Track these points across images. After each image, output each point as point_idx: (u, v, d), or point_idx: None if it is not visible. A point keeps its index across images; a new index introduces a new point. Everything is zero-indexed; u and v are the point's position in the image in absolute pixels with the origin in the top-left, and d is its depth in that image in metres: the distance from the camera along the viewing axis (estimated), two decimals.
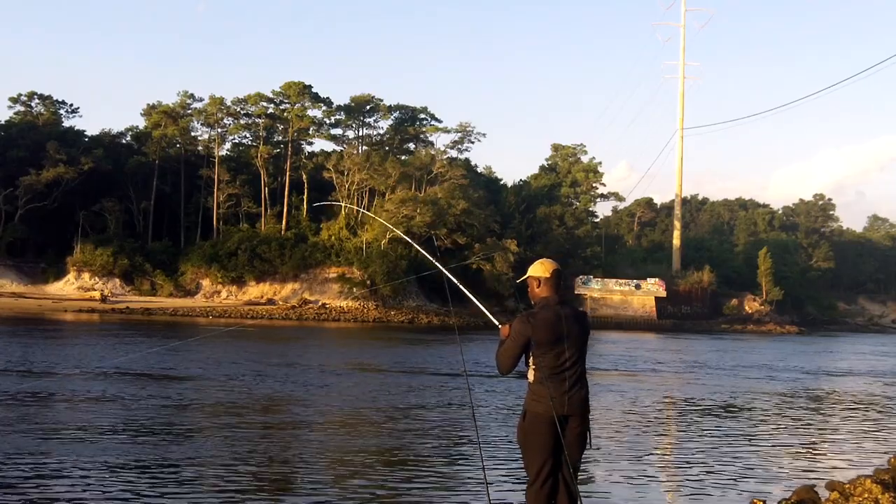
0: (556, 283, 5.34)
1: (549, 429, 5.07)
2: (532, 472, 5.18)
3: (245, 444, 11.55)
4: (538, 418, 5.12)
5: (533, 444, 5.13)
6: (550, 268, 5.38)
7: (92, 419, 13.04)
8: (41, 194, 67.56)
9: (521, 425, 5.22)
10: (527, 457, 5.19)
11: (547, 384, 5.11)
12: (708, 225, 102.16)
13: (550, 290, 5.32)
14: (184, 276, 68.10)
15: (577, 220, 77.50)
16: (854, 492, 8.08)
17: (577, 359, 5.23)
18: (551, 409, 5.06)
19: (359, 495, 8.86)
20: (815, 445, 13.63)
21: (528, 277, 5.41)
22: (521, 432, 5.20)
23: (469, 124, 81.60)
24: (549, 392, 5.09)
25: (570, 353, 5.19)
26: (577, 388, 5.18)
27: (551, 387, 5.11)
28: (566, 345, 5.19)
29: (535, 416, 5.13)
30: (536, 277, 5.36)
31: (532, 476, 5.18)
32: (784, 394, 21.34)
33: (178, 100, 75.24)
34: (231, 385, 18.51)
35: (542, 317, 5.20)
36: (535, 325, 5.17)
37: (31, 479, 8.98)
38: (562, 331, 5.18)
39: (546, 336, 5.15)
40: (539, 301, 5.33)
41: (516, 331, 5.18)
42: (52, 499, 8.26)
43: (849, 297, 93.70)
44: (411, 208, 64.54)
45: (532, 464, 5.16)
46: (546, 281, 5.33)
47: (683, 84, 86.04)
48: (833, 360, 37.13)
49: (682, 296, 75.33)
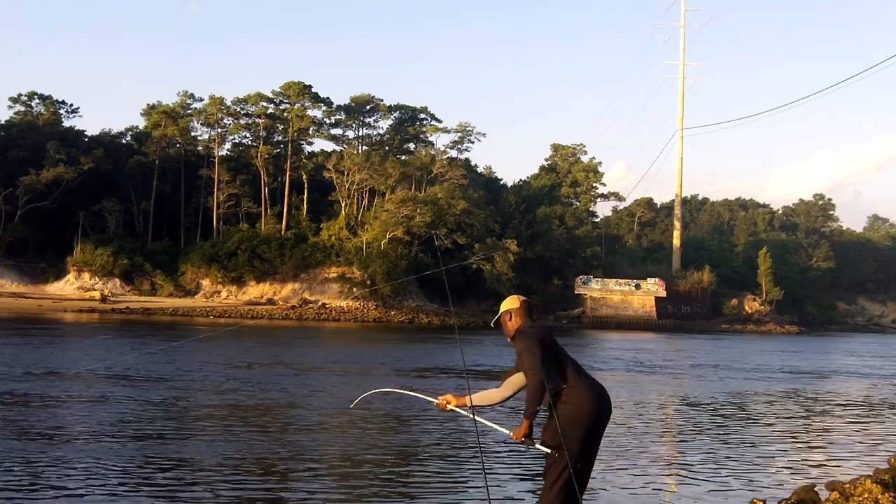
0: (527, 312, 5.43)
1: (585, 431, 5.05)
2: (557, 476, 5.04)
3: (244, 445, 11.54)
4: (577, 420, 5.04)
5: (567, 446, 4.97)
6: (519, 299, 5.52)
7: (88, 420, 13.03)
8: (41, 194, 67.60)
9: (552, 428, 5.06)
10: (555, 461, 5.06)
11: (580, 386, 5.12)
12: (708, 225, 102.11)
13: (524, 319, 5.39)
14: (184, 276, 68.15)
15: (577, 220, 77.51)
16: (854, 492, 8.08)
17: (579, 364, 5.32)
18: (596, 409, 5.07)
19: (358, 495, 8.86)
20: (815, 445, 13.63)
21: (501, 315, 5.50)
22: (555, 436, 5.02)
23: (469, 124, 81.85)
24: (589, 392, 5.10)
25: (575, 361, 5.27)
26: (600, 387, 5.22)
27: (587, 387, 5.13)
28: (564, 350, 5.28)
29: (574, 419, 5.03)
30: (507, 311, 5.46)
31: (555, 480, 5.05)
32: (784, 394, 21.34)
33: (178, 100, 75.44)
34: (231, 385, 18.50)
35: (534, 329, 5.28)
36: (538, 329, 5.28)
37: (27, 480, 8.97)
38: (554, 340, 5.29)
39: (552, 338, 5.25)
40: (518, 328, 5.36)
41: (528, 342, 5.16)
42: (50, 499, 8.26)
43: (849, 297, 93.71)
44: (411, 208, 64.57)
45: (560, 468, 5.02)
46: (517, 311, 5.43)
47: (683, 84, 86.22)
48: (833, 361, 37.13)
49: (682, 296, 75.36)
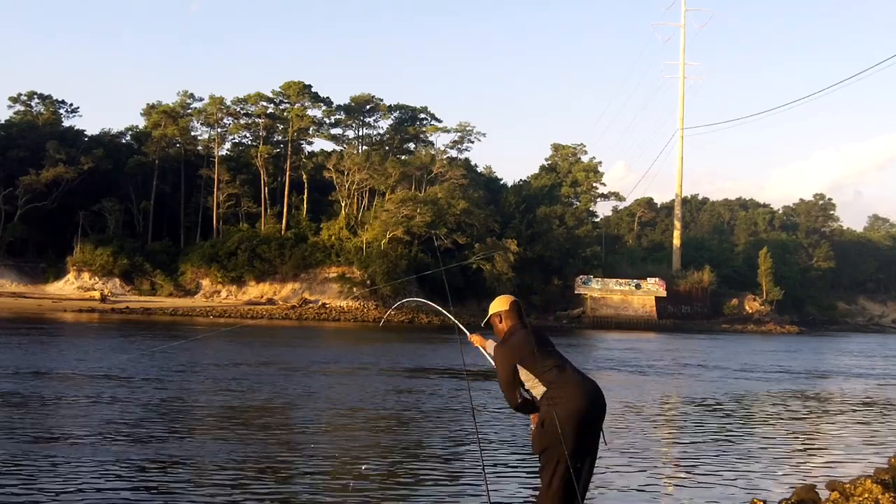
0: (517, 313, 5.43)
1: (575, 430, 4.95)
2: (551, 477, 4.99)
3: (242, 446, 11.53)
4: (565, 420, 4.94)
5: (557, 448, 4.93)
6: (508, 300, 5.51)
7: (87, 420, 13.02)
8: (41, 194, 67.60)
9: (539, 433, 5.03)
10: (548, 462, 5.01)
11: (566, 385, 5.05)
12: (708, 225, 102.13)
13: (514, 320, 5.39)
14: (184, 276, 68.15)
15: (578, 219, 77.52)
16: (854, 492, 8.07)
17: (570, 362, 5.26)
18: (582, 406, 4.98)
19: (358, 495, 8.85)
20: (815, 445, 13.62)
21: (491, 317, 5.50)
22: (541, 440, 5.02)
23: (469, 124, 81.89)
24: (575, 390, 5.03)
25: (564, 360, 5.22)
26: (591, 384, 5.14)
27: (573, 385, 5.06)
28: (553, 350, 5.24)
29: (561, 419, 4.94)
30: (497, 313, 5.47)
31: (550, 481, 5.00)
32: (784, 394, 21.32)
33: (178, 100, 75.46)
34: (230, 386, 18.49)
35: (516, 336, 5.27)
36: (514, 345, 5.21)
37: (26, 481, 8.96)
38: (541, 340, 5.23)
39: (528, 348, 5.16)
40: (505, 334, 5.38)
41: (500, 360, 5.22)
42: (47, 499, 8.25)
43: (849, 297, 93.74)
44: (411, 208, 64.57)
45: (552, 469, 4.98)
46: (507, 313, 5.43)
47: (683, 84, 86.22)
48: (832, 361, 37.12)
49: (683, 296, 75.36)
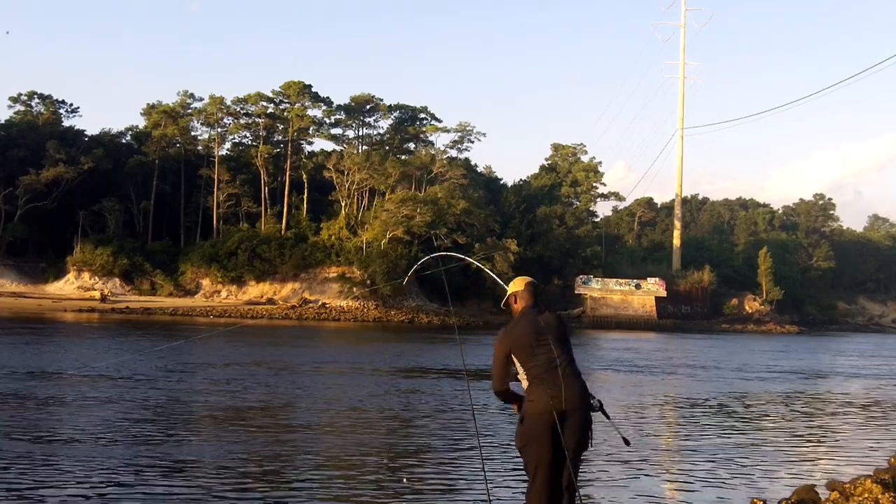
0: (532, 294, 5.56)
1: (549, 429, 5.04)
2: (532, 475, 5.13)
3: (243, 446, 11.53)
4: (537, 418, 5.09)
5: (533, 446, 5.10)
6: (524, 281, 5.67)
7: (86, 420, 13.02)
8: (41, 194, 67.58)
9: (519, 430, 5.20)
10: (527, 460, 5.16)
11: (541, 384, 5.14)
12: (708, 225, 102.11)
13: (528, 301, 5.53)
14: (184, 276, 68.13)
15: (578, 219, 77.51)
16: (854, 492, 8.07)
17: (566, 357, 5.26)
18: (549, 407, 5.05)
19: (357, 495, 8.85)
20: (815, 445, 13.62)
21: (508, 297, 5.67)
22: (521, 437, 5.18)
23: (469, 124, 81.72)
24: (546, 391, 5.10)
25: (558, 352, 5.24)
26: (572, 381, 5.19)
27: (546, 385, 5.13)
28: (551, 344, 5.25)
29: (534, 417, 5.10)
30: (513, 293, 5.62)
31: (532, 479, 5.14)
32: (784, 394, 21.32)
33: (178, 100, 75.37)
34: (230, 386, 18.49)
35: (519, 325, 5.37)
36: (513, 335, 5.33)
37: (25, 482, 8.96)
38: (542, 332, 5.27)
39: (526, 340, 5.25)
40: (519, 314, 5.51)
41: (497, 345, 5.36)
42: (44, 500, 8.25)
43: (849, 297, 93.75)
44: (411, 208, 64.56)
45: (532, 467, 5.12)
46: (521, 294, 5.57)
47: (683, 84, 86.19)
48: (832, 361, 37.12)
49: (683, 296, 75.36)
